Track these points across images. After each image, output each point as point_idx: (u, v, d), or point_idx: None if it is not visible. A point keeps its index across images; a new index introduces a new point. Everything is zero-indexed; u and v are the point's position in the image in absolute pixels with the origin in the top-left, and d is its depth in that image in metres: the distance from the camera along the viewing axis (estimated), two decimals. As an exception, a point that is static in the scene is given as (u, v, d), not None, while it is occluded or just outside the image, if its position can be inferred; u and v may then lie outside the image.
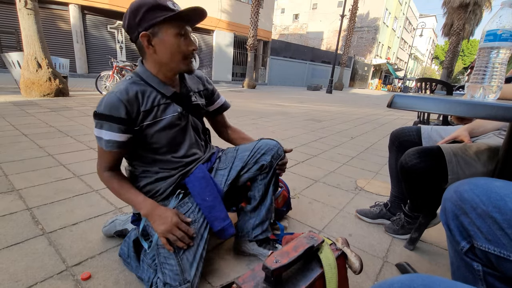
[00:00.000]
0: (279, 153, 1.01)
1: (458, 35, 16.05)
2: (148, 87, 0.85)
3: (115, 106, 0.78)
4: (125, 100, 0.79)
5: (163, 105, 0.87)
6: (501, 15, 0.67)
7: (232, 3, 14.56)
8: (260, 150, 1.00)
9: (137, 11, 0.76)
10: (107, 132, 0.79)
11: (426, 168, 0.99)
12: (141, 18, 0.76)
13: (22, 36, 4.56)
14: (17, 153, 1.99)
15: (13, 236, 1.07)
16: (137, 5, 0.77)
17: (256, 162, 1.00)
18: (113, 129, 0.79)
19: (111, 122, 0.79)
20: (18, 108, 3.68)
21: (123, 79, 0.86)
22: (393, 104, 0.58)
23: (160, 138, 0.88)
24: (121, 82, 0.83)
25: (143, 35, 0.77)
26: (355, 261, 0.69)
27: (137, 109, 0.82)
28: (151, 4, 0.76)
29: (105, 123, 0.79)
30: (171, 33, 0.79)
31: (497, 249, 0.41)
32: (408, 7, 34.62)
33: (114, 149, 0.82)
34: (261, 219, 1.04)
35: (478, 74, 0.69)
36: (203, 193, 0.92)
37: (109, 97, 0.79)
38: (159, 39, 0.79)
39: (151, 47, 0.80)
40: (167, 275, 0.81)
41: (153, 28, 0.78)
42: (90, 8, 10.56)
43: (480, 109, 0.48)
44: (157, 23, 0.77)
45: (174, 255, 0.82)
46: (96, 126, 0.81)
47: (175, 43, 0.80)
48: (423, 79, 2.55)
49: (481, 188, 0.45)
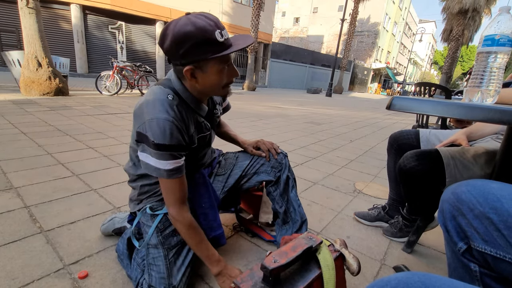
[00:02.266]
0: (279, 161, 0.99)
1: (457, 41, 16.19)
2: (188, 108, 0.81)
3: (175, 134, 0.73)
4: (182, 126, 0.76)
5: (200, 124, 0.87)
6: (499, 20, 0.68)
7: (233, 5, 14.64)
8: (259, 160, 1.00)
9: (183, 44, 0.68)
10: (167, 162, 0.74)
11: (424, 170, 1.00)
12: (186, 51, 0.69)
13: (23, 35, 4.56)
14: (16, 151, 1.99)
15: (10, 233, 1.07)
16: (183, 36, 0.67)
17: (256, 173, 0.99)
18: (175, 157, 0.75)
19: (173, 152, 0.74)
20: (18, 107, 3.68)
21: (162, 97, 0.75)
22: (392, 106, 0.59)
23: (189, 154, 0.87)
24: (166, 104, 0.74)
25: (187, 70, 0.72)
26: (353, 262, 0.69)
27: (187, 133, 0.80)
28: (199, 38, 0.68)
29: (166, 154, 0.73)
30: (217, 69, 0.75)
31: (493, 250, 0.42)
32: (408, 13, 34.90)
33: (178, 176, 0.77)
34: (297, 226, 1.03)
35: (476, 78, 0.70)
36: (201, 200, 0.92)
37: (167, 125, 0.71)
38: (203, 73, 0.74)
39: (194, 79, 0.76)
40: (153, 277, 0.80)
41: (198, 62, 0.72)
42: (91, 8, 10.59)
43: (478, 111, 0.49)
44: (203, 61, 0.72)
45: (163, 257, 0.82)
46: (154, 156, 0.73)
47: (217, 77, 0.76)
48: (422, 83, 2.56)
49: (478, 190, 0.45)
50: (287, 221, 1.04)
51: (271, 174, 0.99)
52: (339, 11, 25.57)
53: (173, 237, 0.85)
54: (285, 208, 1.01)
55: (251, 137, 3.20)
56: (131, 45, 12.27)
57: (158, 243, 0.84)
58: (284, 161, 1.00)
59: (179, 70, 0.75)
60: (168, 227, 0.86)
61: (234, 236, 1.21)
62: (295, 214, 1.01)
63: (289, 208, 1.00)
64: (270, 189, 1.02)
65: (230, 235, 1.21)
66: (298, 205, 1.02)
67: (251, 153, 1.06)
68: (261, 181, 1.01)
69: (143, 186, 0.91)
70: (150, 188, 0.91)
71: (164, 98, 0.75)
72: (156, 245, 0.84)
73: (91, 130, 2.82)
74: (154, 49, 12.95)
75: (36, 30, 4.56)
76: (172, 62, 0.76)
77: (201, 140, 0.90)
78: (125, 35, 11.93)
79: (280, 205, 1.02)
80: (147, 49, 12.82)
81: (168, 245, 0.84)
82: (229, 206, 1.17)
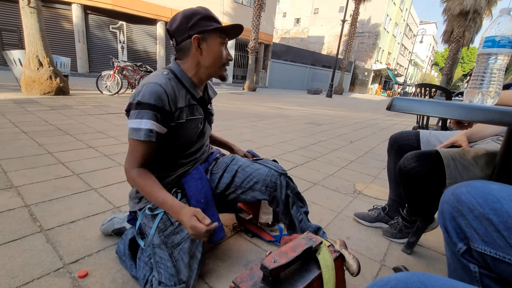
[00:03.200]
0: (273, 181, 0.95)
1: (458, 42, 16.19)
2: (181, 86, 0.88)
3: (160, 96, 0.79)
4: (169, 92, 0.82)
5: (192, 106, 0.92)
6: (499, 22, 0.68)
7: (234, 6, 14.66)
8: (252, 178, 0.97)
9: (191, 17, 0.84)
10: (148, 121, 0.78)
11: (424, 172, 1.00)
12: (194, 23, 0.84)
13: (24, 34, 4.57)
14: (17, 150, 1.99)
15: (10, 232, 1.07)
16: (192, 12, 0.85)
17: (251, 189, 0.97)
18: (156, 119, 0.80)
19: (155, 112, 0.79)
20: (18, 106, 3.68)
21: (158, 73, 0.86)
22: (392, 107, 0.59)
23: (181, 138, 0.90)
24: (160, 75, 0.84)
25: (195, 38, 0.84)
26: (353, 263, 0.69)
27: (175, 104, 0.85)
28: (205, 14, 0.85)
29: (148, 112, 0.78)
30: (218, 42, 0.88)
31: (493, 250, 0.42)
32: (409, 14, 34.91)
33: (153, 139, 0.80)
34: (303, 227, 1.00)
35: (477, 79, 0.70)
36: (199, 195, 0.92)
37: (153, 87, 0.79)
38: (207, 44, 0.86)
39: (199, 49, 0.86)
40: (162, 274, 0.81)
41: (204, 34, 0.85)
42: (93, 8, 10.61)
43: (478, 112, 0.49)
44: (208, 31, 0.85)
45: (168, 256, 0.82)
46: (136, 117, 0.79)
47: (220, 51, 0.89)
48: (422, 84, 2.56)
49: (478, 191, 0.45)
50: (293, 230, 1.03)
51: (266, 194, 0.96)
52: (340, 12, 25.59)
53: (175, 235, 0.85)
54: (289, 221, 1.00)
55: (251, 137, 3.20)
56: (132, 45, 12.29)
57: (161, 242, 0.84)
58: (279, 181, 0.96)
59: (185, 45, 0.86)
60: (169, 226, 0.86)
61: (234, 236, 1.21)
62: (297, 229, 1.00)
63: (293, 222, 1.00)
64: (272, 206, 1.01)
65: (230, 235, 1.21)
66: (299, 220, 0.98)
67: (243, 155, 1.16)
68: (256, 198, 0.98)
69: None
70: None
71: (159, 72, 0.87)
72: (160, 245, 0.84)
73: (92, 130, 2.83)
74: (155, 49, 12.96)
75: (37, 29, 4.57)
76: (178, 39, 0.86)
77: (193, 124, 0.93)
78: (126, 35, 11.95)
79: (284, 220, 1.02)
80: (148, 49, 12.83)
81: (171, 243, 0.84)
82: (226, 210, 1.16)
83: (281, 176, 0.97)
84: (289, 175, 1.01)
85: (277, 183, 0.95)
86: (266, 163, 1.01)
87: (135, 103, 0.80)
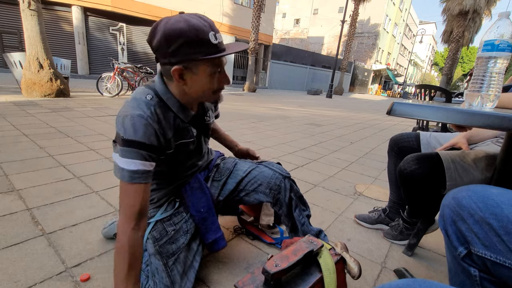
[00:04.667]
0: (277, 184, 0.94)
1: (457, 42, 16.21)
2: (168, 110, 0.76)
3: (147, 132, 0.68)
4: (157, 126, 0.70)
5: (181, 130, 0.81)
6: (498, 25, 0.68)
7: (234, 7, 14.68)
8: (257, 180, 0.96)
9: (173, 41, 0.65)
10: (133, 161, 0.67)
11: (424, 174, 1.00)
12: (176, 49, 0.65)
13: (25, 36, 4.58)
14: (18, 153, 2.00)
15: (12, 236, 1.07)
16: (174, 33, 0.64)
17: (255, 191, 0.96)
18: (142, 157, 0.68)
19: (141, 150, 0.68)
20: (19, 108, 3.69)
21: (141, 96, 0.72)
22: (392, 112, 0.59)
23: (172, 162, 0.85)
24: (143, 104, 0.71)
25: (175, 70, 0.68)
26: (354, 266, 0.70)
27: (164, 136, 0.74)
28: (191, 38, 0.64)
29: (133, 151, 0.67)
30: (207, 72, 0.71)
31: (493, 255, 0.42)
32: (408, 14, 34.94)
33: (141, 181, 0.68)
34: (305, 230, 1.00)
35: (476, 83, 0.71)
36: (198, 204, 0.91)
37: (138, 121, 0.67)
38: (193, 75, 0.70)
39: (182, 80, 0.71)
40: (157, 284, 0.80)
41: (188, 63, 0.68)
42: (92, 10, 10.63)
43: (477, 117, 0.49)
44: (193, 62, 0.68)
45: (163, 266, 0.81)
46: (120, 155, 0.68)
47: (209, 82, 0.73)
48: (422, 85, 2.57)
49: (479, 195, 0.46)
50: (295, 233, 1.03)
51: (269, 196, 0.96)
52: (339, 13, 25.62)
53: (170, 245, 0.84)
54: (292, 224, 1.00)
55: (251, 139, 3.21)
56: (132, 47, 12.30)
57: (156, 252, 0.83)
58: (283, 183, 0.94)
59: (167, 70, 0.71)
60: (164, 236, 0.85)
61: (235, 238, 1.21)
62: (299, 232, 1.00)
63: (295, 225, 0.99)
64: (275, 208, 1.00)
65: (231, 238, 1.21)
66: (302, 223, 0.98)
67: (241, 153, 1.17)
68: (259, 200, 0.98)
69: None
70: None
71: (142, 97, 0.72)
72: (155, 255, 0.83)
73: (92, 132, 2.83)
74: (155, 51, 12.97)
75: (37, 32, 4.58)
76: (160, 60, 0.70)
77: (184, 147, 0.84)
78: (126, 36, 11.97)
79: (287, 222, 1.01)
80: (148, 51, 12.84)
81: (166, 253, 0.83)
82: (228, 212, 1.17)
83: (285, 179, 0.96)
84: (292, 177, 1.01)
85: (281, 186, 0.95)
86: (271, 165, 1.00)
87: (120, 139, 0.68)
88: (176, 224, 0.87)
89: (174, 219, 0.88)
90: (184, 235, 0.86)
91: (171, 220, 0.88)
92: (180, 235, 0.86)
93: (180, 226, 0.87)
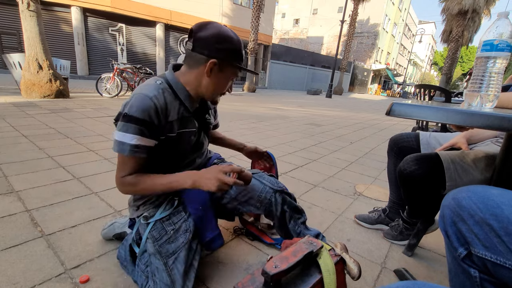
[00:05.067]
0: (267, 198, 0.94)
1: (457, 42, 16.22)
2: (175, 98, 0.83)
3: (149, 110, 0.74)
4: (160, 106, 0.77)
5: (185, 118, 0.87)
6: (497, 25, 0.68)
7: (233, 7, 14.68)
8: (247, 193, 0.96)
9: (223, 41, 0.78)
10: (134, 136, 0.74)
11: (424, 174, 1.00)
12: (222, 48, 0.78)
13: (24, 37, 4.58)
14: (17, 154, 1.99)
15: (11, 238, 1.07)
16: (227, 36, 0.78)
17: (247, 202, 0.96)
18: (143, 133, 0.75)
19: (142, 127, 0.74)
20: (18, 109, 3.69)
21: (152, 82, 0.81)
22: (392, 112, 0.59)
23: (172, 150, 0.88)
24: (152, 86, 0.79)
25: (212, 62, 0.78)
26: (354, 267, 0.70)
27: (165, 118, 0.80)
28: (236, 47, 0.81)
29: (134, 127, 0.74)
30: (229, 76, 0.84)
31: (493, 256, 0.42)
32: (408, 14, 34.97)
33: (141, 155, 0.77)
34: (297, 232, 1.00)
35: (475, 83, 0.71)
36: (196, 202, 0.91)
37: (143, 100, 0.74)
38: (219, 73, 0.82)
39: (209, 73, 0.81)
40: (158, 284, 0.80)
41: (223, 63, 0.80)
42: (92, 10, 10.64)
43: (477, 118, 0.49)
44: (228, 63, 0.81)
45: (163, 265, 0.82)
46: (121, 129, 0.75)
47: (224, 84, 0.85)
48: (421, 85, 2.57)
49: (479, 196, 0.45)
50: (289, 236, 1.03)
51: (261, 209, 0.96)
52: (339, 12, 25.64)
53: (170, 244, 0.84)
54: (285, 235, 1.00)
55: (251, 139, 3.20)
56: (131, 47, 12.30)
57: (156, 252, 0.83)
58: (274, 198, 0.94)
59: (199, 59, 0.79)
60: (164, 235, 0.85)
61: (235, 239, 1.21)
62: None
63: (289, 235, 0.99)
64: (268, 219, 1.01)
65: (231, 239, 1.21)
66: (298, 233, 0.98)
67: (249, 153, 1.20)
68: (252, 211, 0.98)
69: None
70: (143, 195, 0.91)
71: (152, 82, 0.81)
72: (155, 254, 0.84)
73: (92, 133, 2.83)
74: (154, 51, 12.98)
75: (37, 32, 4.57)
76: (198, 49, 0.79)
77: (186, 136, 0.89)
78: (125, 37, 11.97)
79: (280, 233, 1.02)
80: (148, 51, 12.85)
81: (166, 253, 0.83)
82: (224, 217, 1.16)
83: (276, 193, 0.94)
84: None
85: (272, 200, 0.94)
86: (262, 178, 0.99)
87: (122, 115, 0.76)
88: (175, 224, 0.88)
89: (173, 219, 0.88)
90: (184, 234, 0.86)
91: (171, 220, 0.88)
92: (180, 235, 0.86)
93: (180, 226, 0.87)
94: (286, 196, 0.97)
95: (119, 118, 0.77)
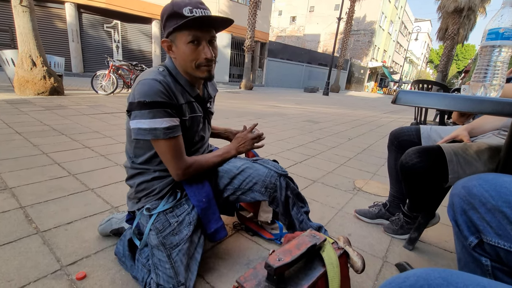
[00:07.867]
0: (272, 182, 0.92)
1: (452, 40, 16.31)
2: (177, 83, 0.84)
3: (163, 92, 0.76)
4: (168, 88, 0.78)
5: (191, 103, 0.88)
6: (502, 14, 0.67)
7: (230, 4, 14.58)
8: (252, 179, 0.94)
9: (162, 18, 0.79)
10: (163, 120, 0.76)
11: (426, 167, 0.99)
12: (163, 25, 0.79)
13: (17, 33, 4.49)
14: (10, 151, 1.95)
15: (5, 235, 1.04)
16: (163, 11, 0.78)
17: (251, 190, 0.95)
18: (169, 114, 0.77)
19: (164, 108, 0.76)
20: (12, 106, 3.62)
21: (154, 69, 0.82)
22: (398, 100, 0.58)
23: (183, 136, 0.86)
24: (155, 71, 0.80)
25: (163, 42, 0.81)
26: (357, 260, 0.68)
27: (176, 100, 0.81)
28: (169, 11, 0.76)
29: (159, 111, 0.75)
30: (183, 41, 0.78)
31: (507, 243, 0.41)
32: (404, 11, 35.08)
33: (176, 134, 0.79)
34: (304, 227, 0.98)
35: (480, 72, 0.69)
36: (199, 194, 0.90)
37: (154, 84, 0.75)
38: (176, 46, 0.80)
39: (172, 52, 0.82)
40: (160, 276, 0.79)
41: (171, 35, 0.79)
42: (86, 6, 10.47)
43: (486, 104, 0.48)
44: (173, 31, 0.77)
45: (167, 257, 0.81)
46: (146, 117, 0.75)
47: (186, 51, 0.79)
48: (419, 81, 2.56)
49: (490, 183, 0.44)
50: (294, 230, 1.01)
51: (266, 195, 0.94)
52: (335, 10, 25.64)
53: (174, 236, 0.83)
54: (289, 222, 0.99)
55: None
56: (127, 44, 12.16)
57: (159, 244, 0.82)
58: (279, 182, 0.93)
59: None
60: (167, 227, 0.84)
61: (235, 234, 1.20)
62: (297, 229, 0.98)
63: (293, 223, 0.98)
64: (272, 206, 0.98)
65: (231, 234, 1.20)
66: (300, 221, 0.97)
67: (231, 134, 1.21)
68: (256, 199, 0.96)
69: (140, 184, 0.89)
70: (147, 186, 0.89)
71: (154, 69, 0.82)
72: (158, 246, 0.82)
73: (87, 130, 2.78)
74: (150, 48, 12.84)
75: (30, 28, 4.48)
76: None
77: (195, 122, 0.90)
78: (121, 34, 11.81)
79: (284, 221, 1.00)
80: (143, 48, 12.71)
81: (169, 245, 0.82)
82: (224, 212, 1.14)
83: (281, 177, 0.94)
84: (289, 175, 0.99)
85: (277, 184, 0.92)
86: (266, 163, 0.98)
87: (141, 104, 0.75)
88: (179, 216, 0.87)
89: (176, 211, 0.87)
90: (187, 227, 0.85)
91: (174, 212, 0.87)
92: (184, 227, 0.85)
93: (183, 218, 0.86)
94: (290, 181, 0.96)
95: (134, 107, 0.76)
